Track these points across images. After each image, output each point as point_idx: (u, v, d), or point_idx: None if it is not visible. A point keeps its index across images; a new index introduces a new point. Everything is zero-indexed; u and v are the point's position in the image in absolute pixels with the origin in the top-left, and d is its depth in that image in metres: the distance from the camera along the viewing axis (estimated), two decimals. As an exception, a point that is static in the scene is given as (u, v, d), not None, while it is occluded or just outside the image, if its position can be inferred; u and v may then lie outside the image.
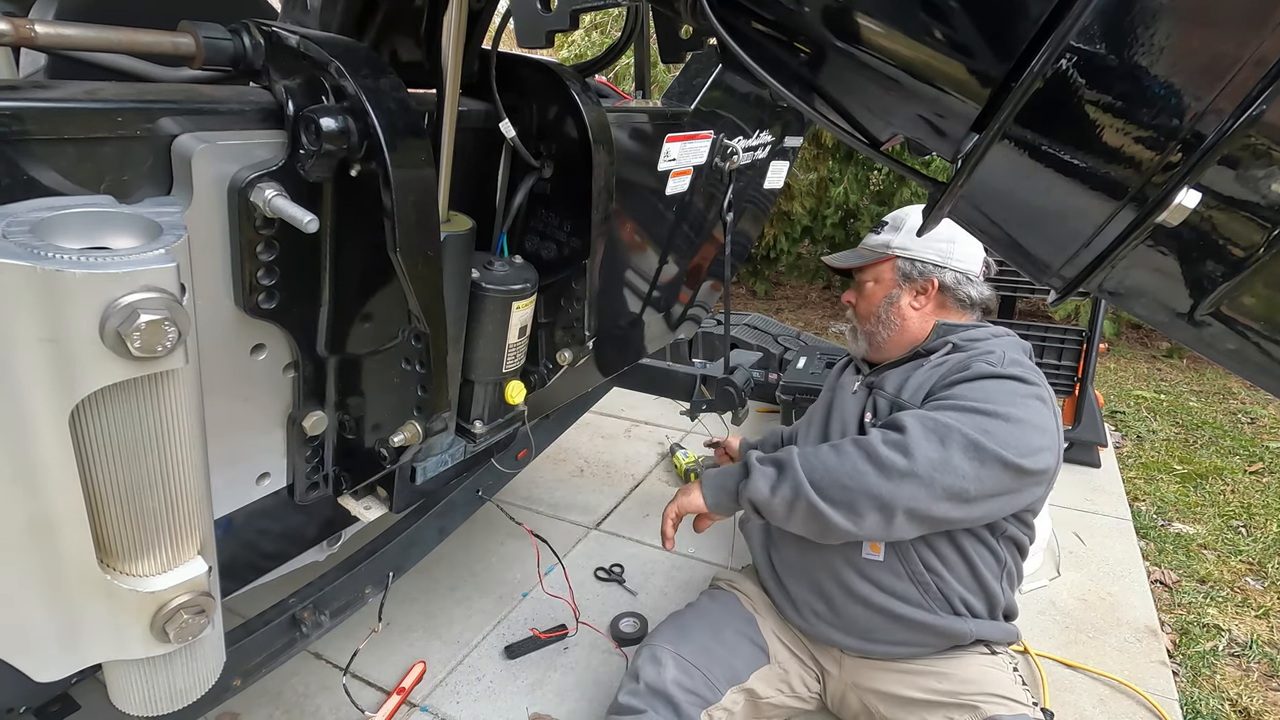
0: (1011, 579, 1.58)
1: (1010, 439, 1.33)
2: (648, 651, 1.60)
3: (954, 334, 1.57)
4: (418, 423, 1.02)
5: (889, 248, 1.63)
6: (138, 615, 0.69)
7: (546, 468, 3.03)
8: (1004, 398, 1.38)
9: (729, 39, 0.83)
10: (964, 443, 1.31)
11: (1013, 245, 0.76)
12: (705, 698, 1.52)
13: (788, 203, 5.31)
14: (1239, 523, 2.86)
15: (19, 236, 0.57)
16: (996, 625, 1.55)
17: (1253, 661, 2.12)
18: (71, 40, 0.72)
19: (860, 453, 1.35)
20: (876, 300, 1.65)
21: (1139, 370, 4.65)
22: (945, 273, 1.60)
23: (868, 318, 1.67)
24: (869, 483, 1.32)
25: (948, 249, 1.61)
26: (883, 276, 1.65)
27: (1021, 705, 1.42)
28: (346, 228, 0.89)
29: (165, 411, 0.63)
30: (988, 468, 1.32)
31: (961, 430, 1.32)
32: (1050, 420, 1.42)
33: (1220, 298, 0.62)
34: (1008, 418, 1.35)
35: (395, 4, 1.03)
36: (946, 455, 1.31)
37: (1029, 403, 1.39)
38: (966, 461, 1.31)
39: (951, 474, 1.30)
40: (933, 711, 1.46)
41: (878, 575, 1.52)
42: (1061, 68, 0.58)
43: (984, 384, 1.42)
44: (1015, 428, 1.35)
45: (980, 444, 1.31)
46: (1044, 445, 1.38)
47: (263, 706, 1.80)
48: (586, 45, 5.68)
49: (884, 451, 1.33)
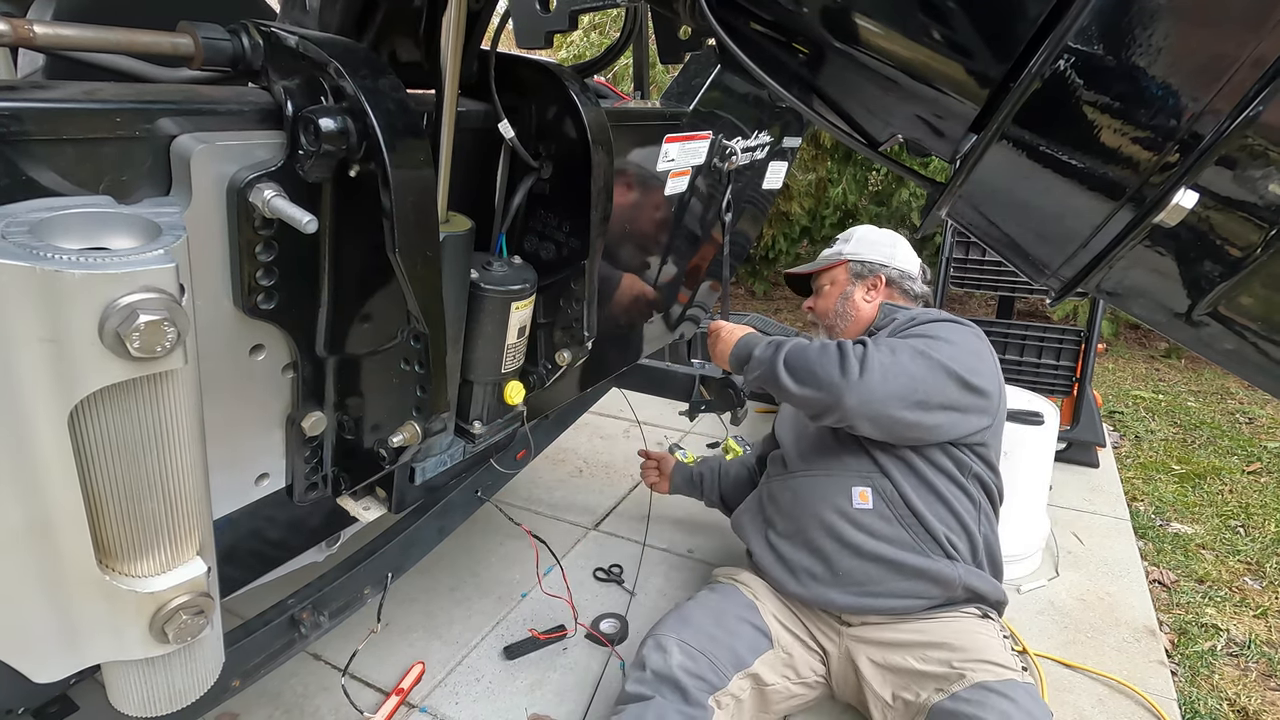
0: (990, 523, 1.74)
1: (952, 357, 1.59)
2: (653, 640, 1.62)
3: (899, 313, 1.82)
4: (417, 423, 1.02)
5: (840, 255, 1.96)
6: (137, 616, 0.69)
7: (546, 468, 3.03)
8: (945, 331, 1.67)
9: (728, 39, 0.83)
10: (911, 352, 1.58)
11: (1011, 245, 0.76)
12: (712, 683, 1.55)
13: (786, 203, 5.32)
14: (1237, 522, 2.86)
15: (18, 237, 0.57)
16: (984, 576, 1.64)
17: (1251, 661, 2.12)
18: (70, 40, 0.72)
19: (831, 349, 1.60)
20: (834, 298, 1.94)
21: (1137, 370, 4.66)
22: (890, 269, 1.92)
23: (827, 314, 1.95)
24: (828, 372, 1.56)
25: (890, 253, 1.94)
26: (837, 278, 1.95)
27: (1009, 670, 1.46)
28: (345, 228, 0.89)
29: (164, 412, 0.63)
30: (934, 374, 1.57)
31: (909, 344, 1.60)
32: (989, 356, 1.70)
33: (1218, 298, 0.62)
34: (949, 341, 1.63)
35: (394, 4, 1.03)
36: (896, 360, 1.56)
37: (969, 340, 1.67)
38: (913, 364, 1.56)
39: (901, 374, 1.55)
40: (924, 683, 1.49)
41: (869, 522, 1.65)
42: (1059, 68, 0.58)
43: (928, 326, 1.70)
44: (956, 349, 1.62)
45: (925, 351, 1.58)
46: (983, 370, 1.65)
47: (262, 707, 1.80)
48: (585, 46, 5.68)
49: (847, 350, 1.58)
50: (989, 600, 1.63)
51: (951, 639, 1.53)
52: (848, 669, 1.66)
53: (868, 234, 1.97)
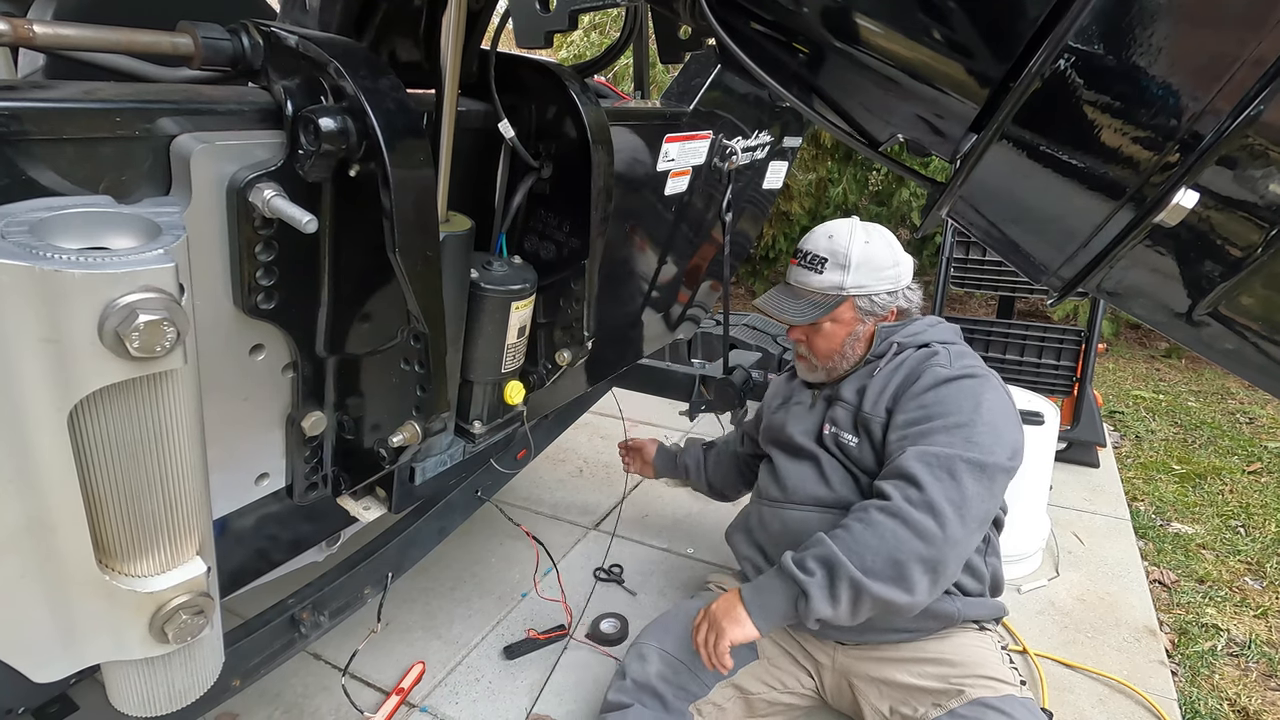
0: (996, 550, 1.66)
1: (996, 443, 1.42)
2: (634, 650, 1.63)
3: (895, 334, 1.63)
4: (416, 423, 1.02)
5: (843, 289, 1.59)
6: (136, 616, 0.69)
7: (546, 468, 3.03)
8: (969, 403, 1.46)
9: (728, 39, 0.83)
10: (969, 469, 1.38)
11: (1011, 245, 0.76)
12: (692, 691, 1.55)
13: (787, 203, 5.32)
14: (1237, 522, 2.86)
15: (18, 237, 0.57)
16: (983, 602, 1.59)
17: (1251, 661, 2.12)
18: (70, 40, 0.72)
19: (895, 522, 1.36)
20: (839, 339, 1.63)
21: (1137, 370, 4.66)
22: (899, 296, 1.63)
23: (830, 355, 1.64)
24: (914, 549, 1.34)
25: (896, 274, 1.62)
26: (841, 316, 1.61)
27: (1008, 685, 1.44)
28: (345, 228, 0.89)
29: (164, 412, 0.63)
30: (997, 481, 1.41)
31: (961, 456, 1.39)
32: (1010, 406, 1.52)
33: (1218, 298, 0.62)
34: (986, 423, 1.44)
35: (394, 4, 1.03)
36: (961, 490, 1.37)
37: (990, 399, 1.48)
38: (978, 485, 1.38)
39: (974, 505, 1.37)
40: (921, 698, 1.48)
41: None
42: (1060, 68, 0.58)
43: (946, 391, 1.49)
44: (993, 431, 1.43)
45: (983, 463, 1.39)
46: (1019, 435, 1.49)
47: (262, 707, 1.80)
48: (585, 45, 5.68)
49: (915, 515, 1.35)
50: (988, 619, 1.61)
51: (949, 654, 1.52)
52: (842, 682, 1.64)
53: (868, 256, 1.59)
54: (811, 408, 1.71)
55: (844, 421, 1.60)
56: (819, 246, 1.62)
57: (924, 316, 1.69)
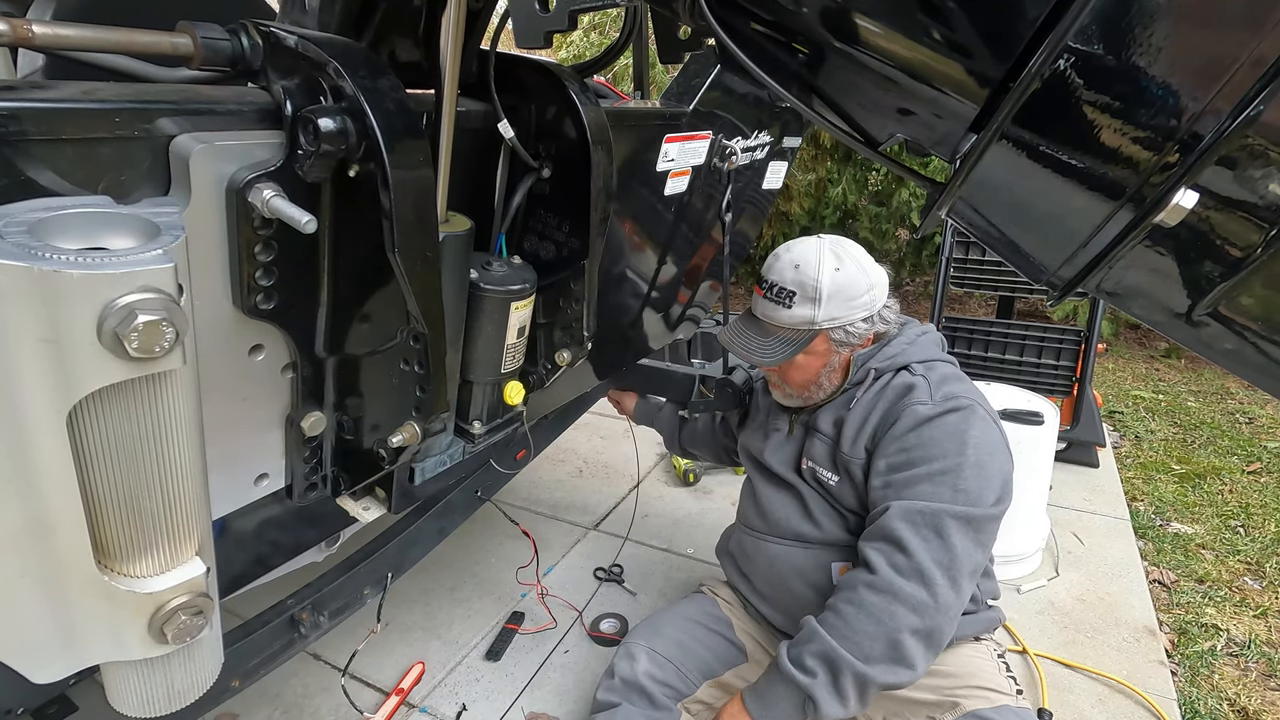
0: (989, 574, 1.60)
1: (984, 487, 1.36)
2: (623, 649, 1.65)
3: (872, 360, 1.53)
4: (416, 423, 1.02)
5: (814, 324, 1.47)
6: (136, 616, 0.69)
7: (546, 468, 3.03)
8: (954, 445, 1.38)
9: (727, 39, 0.83)
10: (956, 526, 1.33)
11: (1010, 246, 0.76)
12: (679, 690, 1.57)
13: (786, 203, 5.32)
14: (1237, 522, 2.86)
15: (16, 237, 0.57)
16: (977, 618, 1.56)
17: (1251, 661, 2.12)
18: (69, 40, 0.72)
19: (885, 599, 1.32)
20: (815, 371, 1.54)
21: (1137, 370, 4.66)
22: (875, 321, 1.52)
23: (805, 386, 1.57)
24: (907, 623, 1.31)
25: (870, 299, 1.49)
26: (815, 349, 1.51)
27: (1003, 695, 1.43)
28: (345, 228, 0.89)
29: (163, 412, 0.63)
30: (985, 530, 1.37)
31: (948, 512, 1.33)
32: (997, 434, 1.43)
33: (1218, 298, 0.62)
34: (972, 464, 1.36)
35: (394, 4, 1.03)
36: (949, 550, 1.32)
37: (975, 434, 1.39)
38: (965, 539, 1.34)
39: (963, 562, 1.33)
40: (915, 710, 1.47)
41: None
42: (1059, 68, 0.58)
43: (928, 433, 1.41)
44: (980, 472, 1.36)
45: (970, 516, 1.34)
46: (1008, 466, 1.42)
47: (262, 707, 1.80)
48: (585, 46, 5.68)
49: (905, 588, 1.31)
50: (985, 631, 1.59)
51: (944, 665, 1.49)
52: None
53: (839, 286, 1.46)
54: (789, 436, 1.66)
55: (822, 458, 1.55)
56: (785, 278, 1.49)
57: (902, 330, 1.58)
